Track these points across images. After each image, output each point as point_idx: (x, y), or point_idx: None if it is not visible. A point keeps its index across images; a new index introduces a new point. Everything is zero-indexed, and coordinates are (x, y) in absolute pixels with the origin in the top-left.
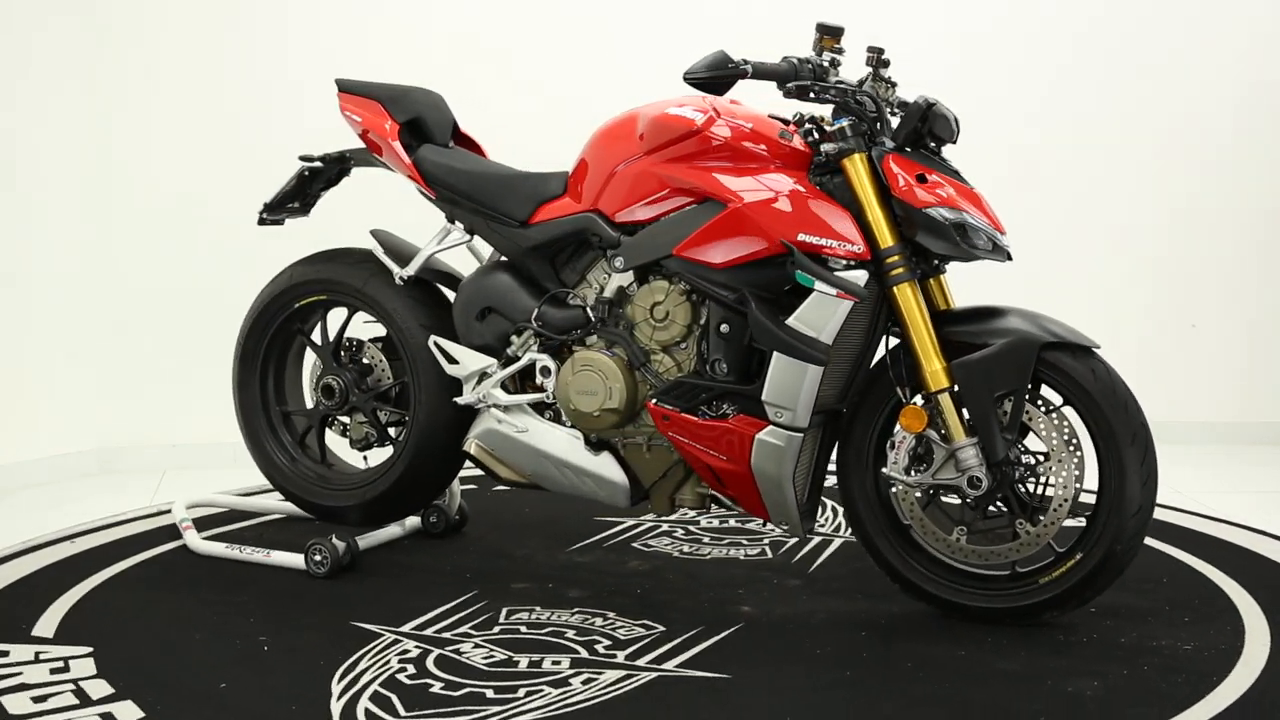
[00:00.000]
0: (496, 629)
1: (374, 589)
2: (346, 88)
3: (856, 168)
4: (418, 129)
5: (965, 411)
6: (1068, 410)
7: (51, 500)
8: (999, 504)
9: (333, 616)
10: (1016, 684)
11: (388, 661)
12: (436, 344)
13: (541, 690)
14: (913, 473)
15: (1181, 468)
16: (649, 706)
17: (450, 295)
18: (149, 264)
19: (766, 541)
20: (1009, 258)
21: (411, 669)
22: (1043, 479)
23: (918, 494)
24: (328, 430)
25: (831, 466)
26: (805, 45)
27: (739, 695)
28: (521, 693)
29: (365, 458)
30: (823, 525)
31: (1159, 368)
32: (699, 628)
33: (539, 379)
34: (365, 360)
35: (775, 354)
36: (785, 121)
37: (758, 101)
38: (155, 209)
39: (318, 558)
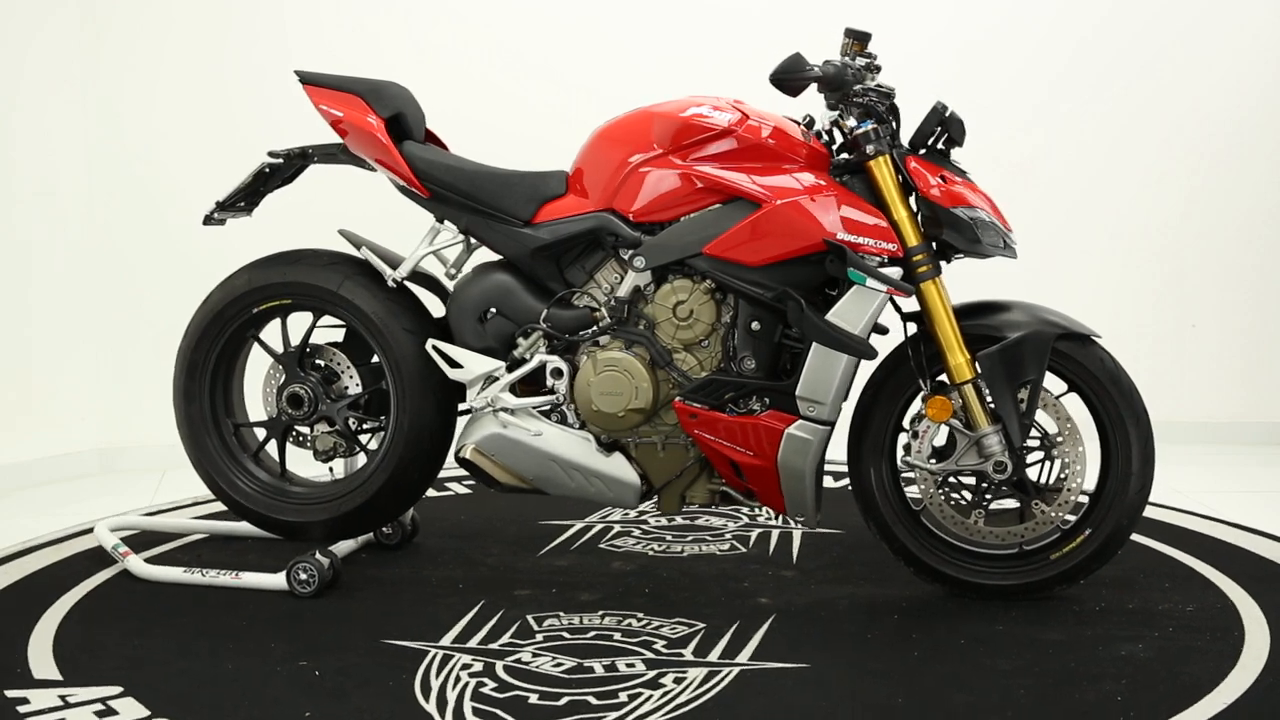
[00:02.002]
0: (540, 636)
1: (374, 606)
2: (313, 80)
3: (883, 169)
4: (397, 125)
5: (988, 400)
6: (1062, 396)
7: (51, 500)
8: (1014, 486)
9: (356, 636)
10: (1073, 651)
11: (459, 677)
12: (436, 348)
13: (641, 693)
14: (933, 460)
15: (1181, 468)
16: (765, 699)
17: (421, 296)
18: (149, 263)
19: (729, 536)
20: (1015, 255)
21: (490, 682)
22: (1057, 461)
23: (936, 481)
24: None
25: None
26: (798, 46)
27: (838, 682)
28: (624, 697)
29: (330, 469)
30: (762, 515)
31: (1159, 368)
32: (736, 621)
33: (549, 381)
34: (328, 365)
35: (814, 349)
36: (795, 122)
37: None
38: (156, 208)
39: (303, 576)
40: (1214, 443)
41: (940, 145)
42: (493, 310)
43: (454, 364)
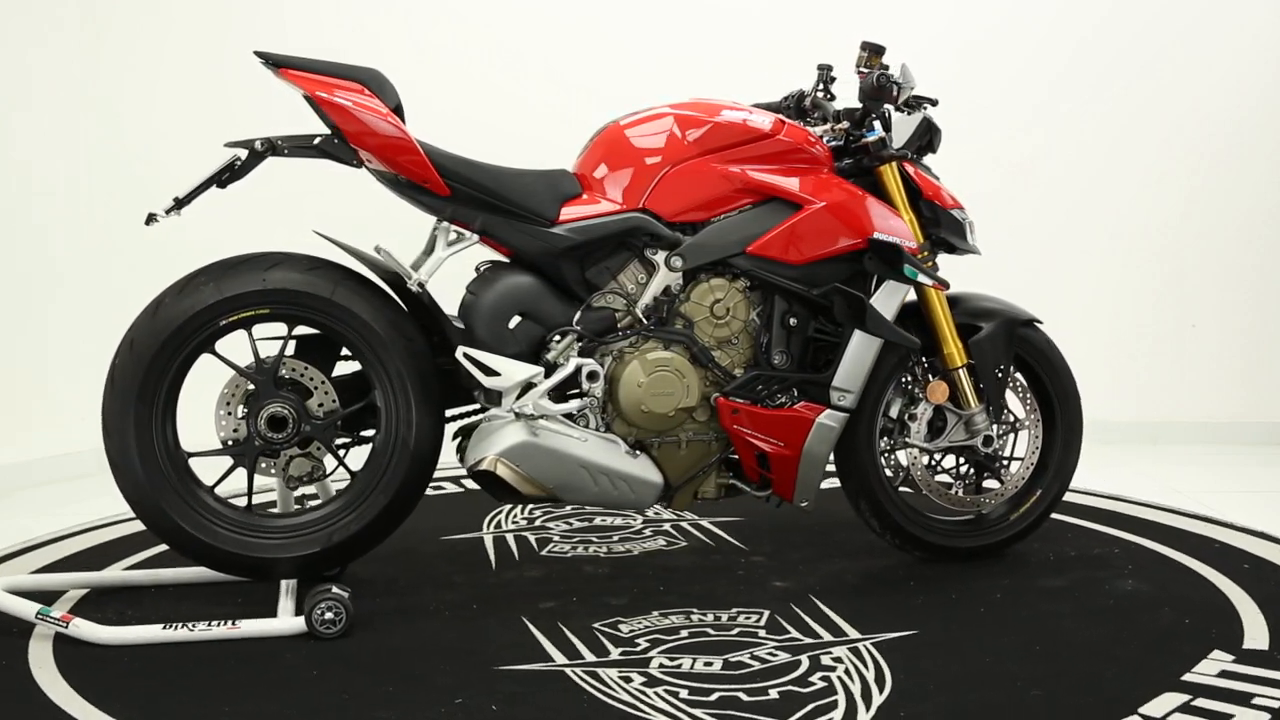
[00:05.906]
0: (641, 642)
1: (416, 639)
2: (292, 64)
3: (892, 173)
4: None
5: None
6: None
7: (51, 500)
8: (988, 458)
9: (462, 669)
10: (1091, 593)
11: (641, 693)
12: (468, 355)
13: (828, 678)
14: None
15: (1181, 468)
16: (935, 663)
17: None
18: (149, 263)
19: (649, 532)
20: (980, 252)
21: (682, 691)
22: (1022, 434)
23: (926, 459)
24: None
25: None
26: (798, 48)
27: (962, 642)
28: (819, 682)
29: (303, 495)
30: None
31: (1159, 368)
32: (788, 603)
33: (585, 385)
34: (297, 381)
35: (855, 341)
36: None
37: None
38: (156, 208)
39: (329, 615)
40: (1214, 443)
41: (913, 154)
42: (523, 314)
43: (488, 371)
